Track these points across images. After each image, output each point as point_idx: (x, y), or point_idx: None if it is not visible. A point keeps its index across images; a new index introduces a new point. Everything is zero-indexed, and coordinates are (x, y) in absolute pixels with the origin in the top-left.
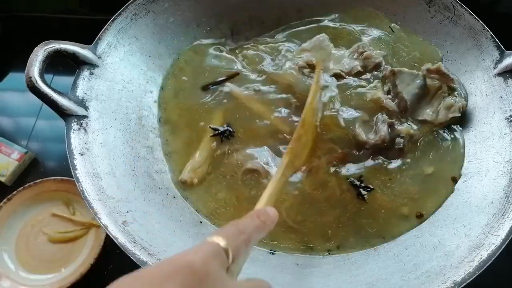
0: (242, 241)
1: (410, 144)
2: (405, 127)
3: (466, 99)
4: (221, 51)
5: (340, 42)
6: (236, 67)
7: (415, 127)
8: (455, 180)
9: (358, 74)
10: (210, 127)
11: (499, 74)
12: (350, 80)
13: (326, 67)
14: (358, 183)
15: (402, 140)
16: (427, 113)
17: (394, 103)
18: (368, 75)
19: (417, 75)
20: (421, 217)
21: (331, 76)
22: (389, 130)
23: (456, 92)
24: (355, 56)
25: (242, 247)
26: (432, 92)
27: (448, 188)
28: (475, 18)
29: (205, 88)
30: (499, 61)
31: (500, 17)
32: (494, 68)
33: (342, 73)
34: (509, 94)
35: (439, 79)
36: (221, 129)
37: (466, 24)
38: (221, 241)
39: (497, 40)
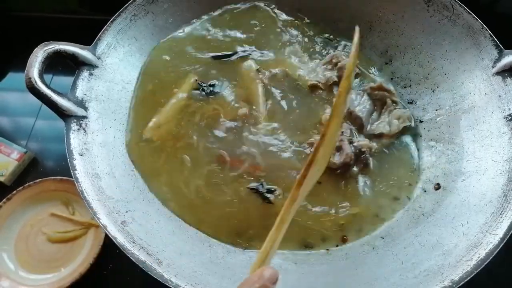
0: None
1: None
2: (364, 142)
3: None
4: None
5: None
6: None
7: (372, 141)
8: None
9: (334, 85)
10: (196, 80)
11: (498, 73)
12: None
13: (302, 77)
14: (260, 187)
15: (367, 156)
16: (382, 127)
17: (349, 122)
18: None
19: (363, 93)
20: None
21: (308, 87)
22: (352, 148)
23: (399, 105)
24: (329, 67)
25: None
26: (379, 107)
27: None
28: (474, 17)
29: (216, 58)
30: (498, 60)
31: (500, 16)
32: (493, 67)
33: (319, 84)
34: (507, 93)
35: (382, 95)
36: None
37: (464, 23)
38: None
39: (495, 39)
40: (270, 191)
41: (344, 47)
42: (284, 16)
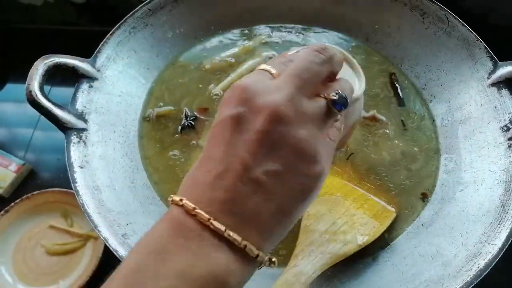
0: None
1: None
2: None
3: None
4: None
5: None
6: None
7: None
8: None
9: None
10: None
11: (493, 84)
12: None
13: None
14: None
15: None
16: None
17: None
18: None
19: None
20: None
21: None
22: None
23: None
24: None
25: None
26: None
27: None
28: (468, 29)
29: None
30: (493, 71)
31: (493, 27)
32: (488, 78)
33: None
34: (503, 103)
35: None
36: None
37: (459, 35)
38: (270, 69)
39: (490, 51)
40: None
41: None
42: None
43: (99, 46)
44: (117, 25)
